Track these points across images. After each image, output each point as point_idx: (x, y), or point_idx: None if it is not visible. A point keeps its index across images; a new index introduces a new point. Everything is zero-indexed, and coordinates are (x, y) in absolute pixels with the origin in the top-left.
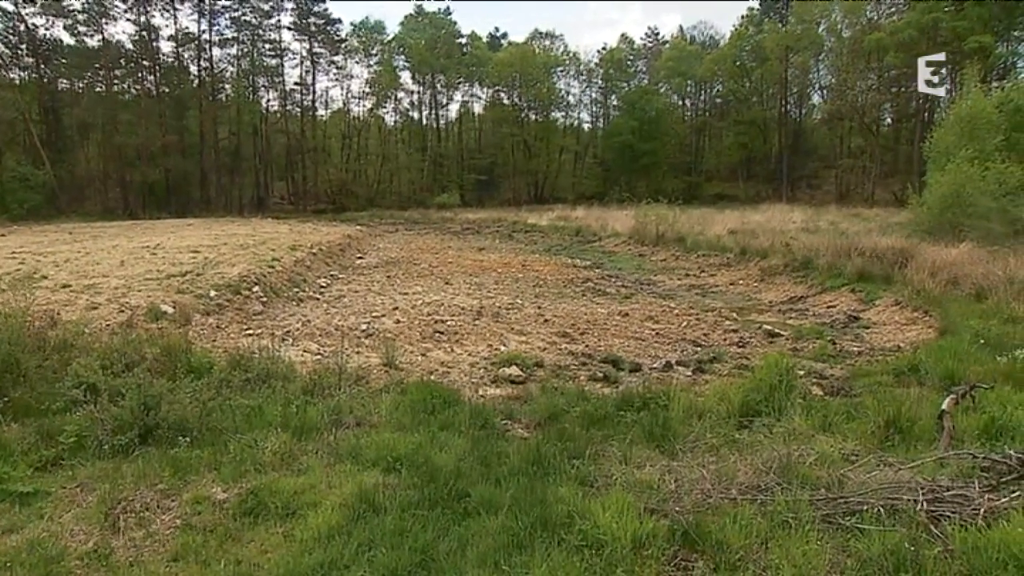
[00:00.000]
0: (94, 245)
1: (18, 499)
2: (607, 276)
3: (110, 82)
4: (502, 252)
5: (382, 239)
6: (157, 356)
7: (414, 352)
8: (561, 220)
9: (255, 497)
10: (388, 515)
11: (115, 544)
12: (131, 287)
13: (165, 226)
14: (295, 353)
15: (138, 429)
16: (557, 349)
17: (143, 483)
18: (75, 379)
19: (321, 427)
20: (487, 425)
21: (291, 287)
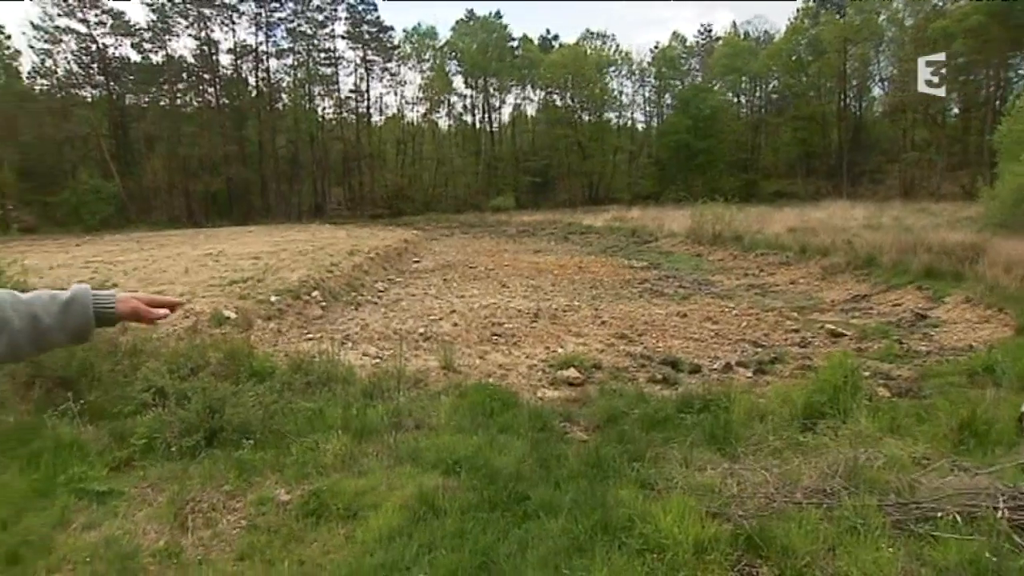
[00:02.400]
0: (160, 253)
1: (95, 498)
2: (664, 276)
3: (173, 96)
4: (558, 254)
5: (438, 243)
6: (221, 360)
7: (472, 355)
8: (617, 221)
9: (317, 499)
10: (448, 517)
11: (184, 543)
12: (195, 293)
13: (227, 233)
14: (354, 357)
15: (204, 432)
16: (615, 351)
17: (210, 484)
18: (145, 383)
19: (381, 429)
20: (546, 427)
21: (349, 291)
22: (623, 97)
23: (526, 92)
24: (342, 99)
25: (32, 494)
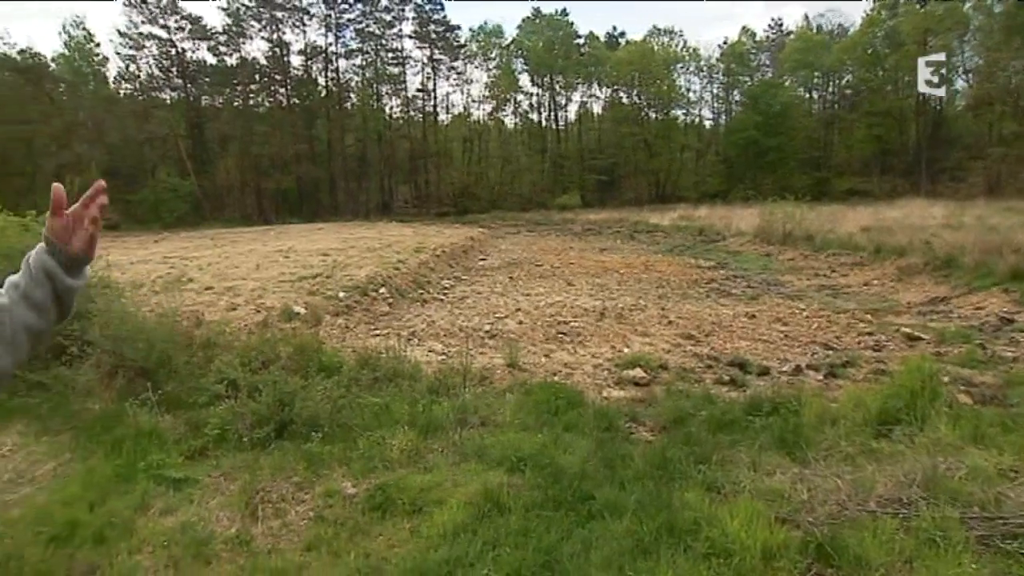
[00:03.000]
0: (233, 250)
1: (172, 484)
2: (732, 276)
3: (247, 96)
4: (624, 252)
5: (504, 241)
6: (291, 355)
7: (537, 353)
8: (683, 219)
9: (383, 493)
10: (513, 515)
11: (255, 532)
12: (266, 289)
13: (297, 231)
14: (421, 353)
15: (274, 424)
16: (682, 351)
17: (279, 475)
18: (218, 375)
19: (447, 426)
20: (611, 427)
21: (416, 288)
22: (691, 94)
23: (592, 90)
24: (409, 98)
25: (115, 479)
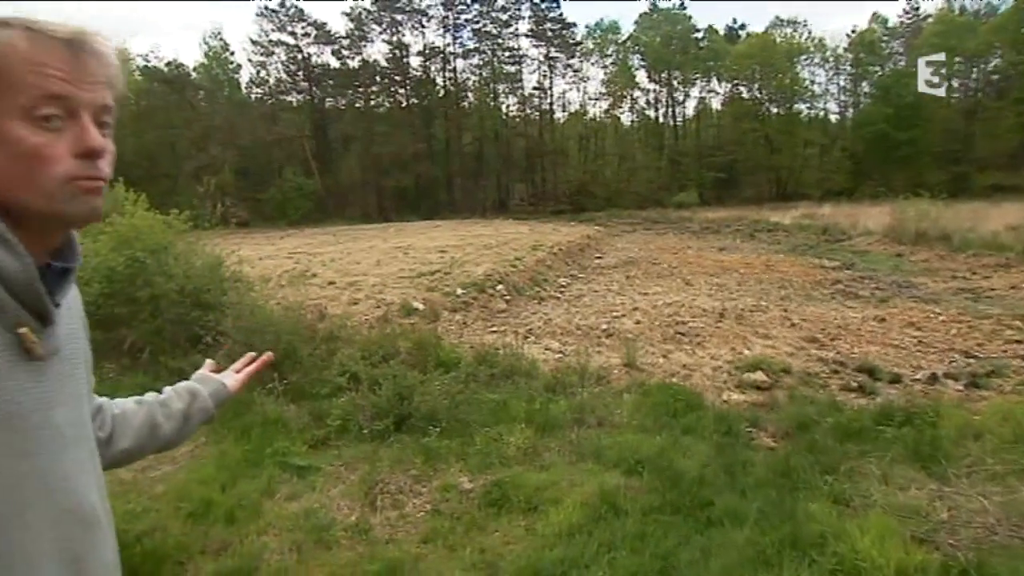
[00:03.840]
0: (354, 246)
1: (296, 471)
2: (859, 277)
3: (368, 98)
4: (744, 252)
5: (620, 239)
6: (410, 350)
7: (655, 353)
8: (806, 218)
9: (499, 489)
10: (629, 518)
11: (373, 521)
12: (386, 284)
13: (415, 228)
14: (537, 351)
15: (394, 417)
16: (805, 355)
17: (398, 468)
18: (340, 368)
19: (563, 425)
20: (731, 432)
21: (533, 286)
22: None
23: (711, 85)
24: (526, 96)
25: (244, 463)
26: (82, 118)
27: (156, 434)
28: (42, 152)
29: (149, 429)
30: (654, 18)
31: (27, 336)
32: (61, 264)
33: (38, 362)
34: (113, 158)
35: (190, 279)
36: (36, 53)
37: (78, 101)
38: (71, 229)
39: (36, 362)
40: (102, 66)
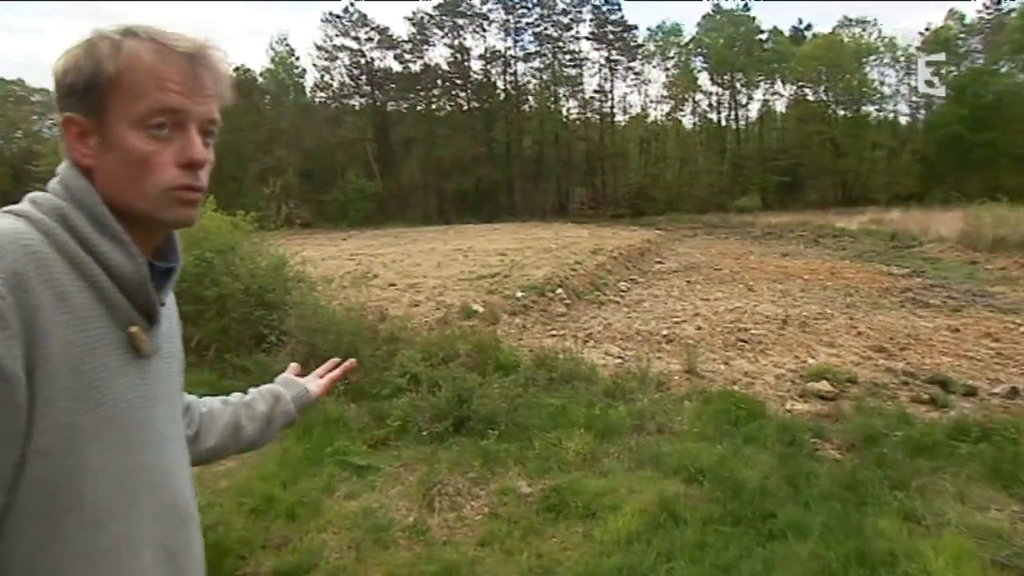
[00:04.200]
0: (414, 248)
1: (356, 470)
2: (930, 286)
3: (429, 101)
4: (807, 258)
5: (681, 244)
6: (469, 352)
7: (716, 360)
8: (873, 223)
9: (557, 494)
10: (689, 527)
11: (431, 522)
12: (446, 286)
13: (475, 231)
14: (597, 355)
15: (453, 419)
16: (872, 364)
17: (456, 470)
18: (400, 369)
19: (623, 431)
20: (794, 442)
21: (592, 290)
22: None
23: (775, 87)
24: (586, 99)
25: (306, 461)
26: (190, 130)
27: (239, 435)
28: (151, 160)
29: (233, 429)
30: (717, 20)
31: (138, 335)
32: (164, 264)
33: (143, 360)
34: (211, 167)
35: (255, 279)
36: (160, 66)
37: (189, 114)
38: (169, 231)
39: (142, 360)
40: (215, 80)
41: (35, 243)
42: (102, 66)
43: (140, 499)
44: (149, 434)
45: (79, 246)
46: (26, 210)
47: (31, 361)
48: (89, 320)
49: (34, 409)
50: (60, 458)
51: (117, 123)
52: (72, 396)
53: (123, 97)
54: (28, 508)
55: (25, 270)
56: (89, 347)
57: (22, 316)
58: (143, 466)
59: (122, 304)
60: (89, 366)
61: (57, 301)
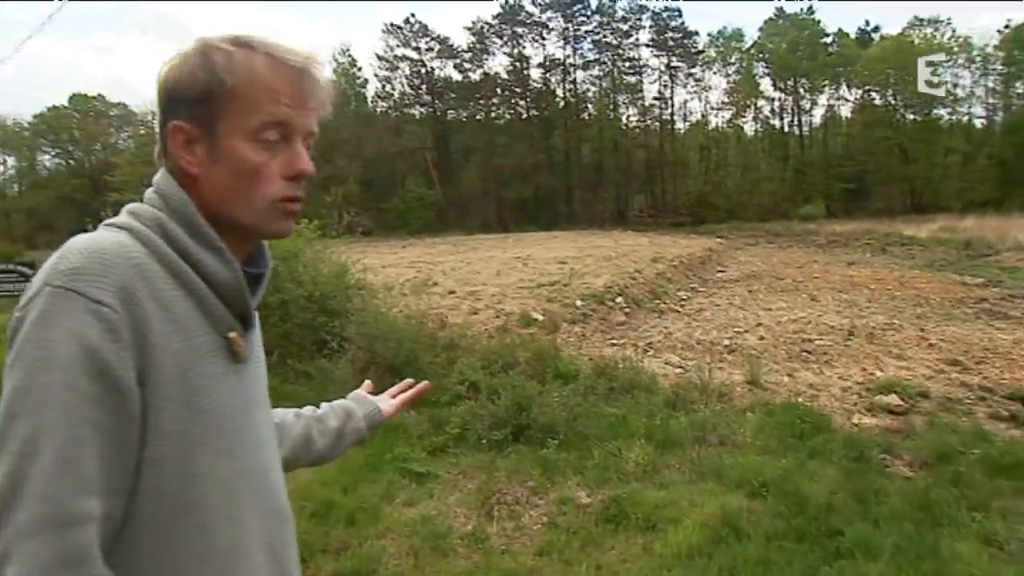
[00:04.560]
0: (473, 256)
1: (415, 477)
2: (1009, 296)
3: (488, 110)
4: (875, 267)
5: (742, 252)
6: (529, 360)
7: (779, 371)
8: (945, 231)
9: (617, 505)
10: (752, 542)
11: (490, 531)
12: (506, 294)
13: (533, 239)
14: (657, 365)
15: (512, 427)
16: (946, 378)
17: (515, 478)
18: (460, 376)
19: (684, 442)
20: (862, 457)
21: (652, 299)
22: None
23: (840, 92)
24: (646, 107)
25: (365, 467)
26: (295, 142)
27: (310, 448)
28: (260, 172)
29: (304, 442)
30: (780, 24)
31: (236, 340)
32: (255, 270)
33: (240, 365)
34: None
35: (317, 286)
36: (274, 79)
37: (296, 127)
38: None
39: (239, 365)
40: (319, 94)
41: (139, 256)
42: (218, 77)
43: (246, 502)
44: (249, 438)
45: (178, 256)
46: (127, 223)
47: (142, 372)
48: (191, 329)
49: (147, 419)
50: (171, 466)
51: (229, 134)
52: (180, 404)
53: (237, 109)
54: (144, 514)
55: (133, 284)
56: (193, 355)
57: (133, 328)
58: (246, 470)
59: (220, 311)
60: (194, 374)
61: (162, 312)
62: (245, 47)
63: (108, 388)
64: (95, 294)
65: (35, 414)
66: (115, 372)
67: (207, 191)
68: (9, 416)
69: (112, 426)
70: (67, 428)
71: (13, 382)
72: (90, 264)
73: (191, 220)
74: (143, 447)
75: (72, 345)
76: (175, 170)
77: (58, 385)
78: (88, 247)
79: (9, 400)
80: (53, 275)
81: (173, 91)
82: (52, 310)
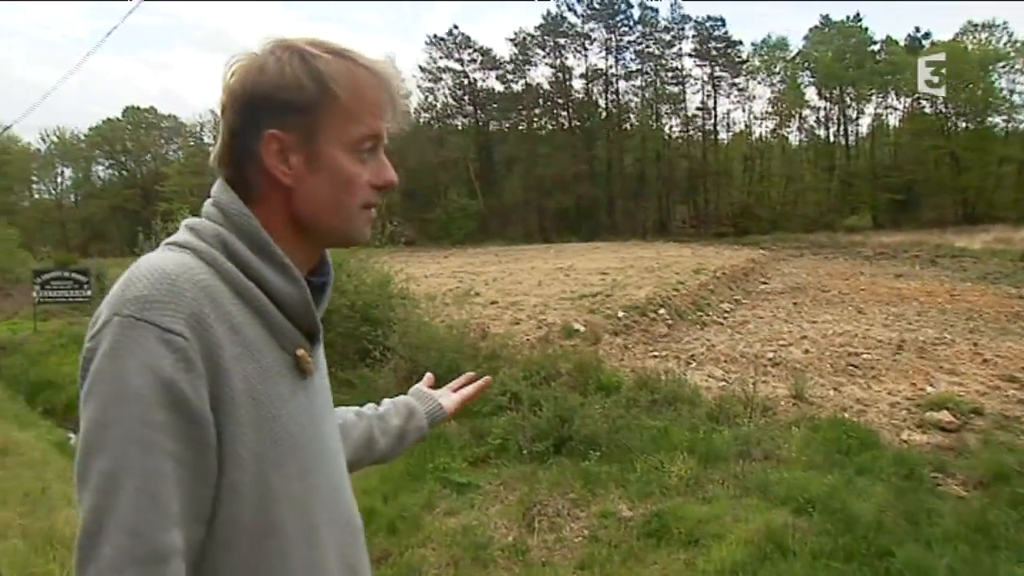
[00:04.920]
0: (515, 266)
1: (456, 488)
2: None
3: (531, 120)
4: (924, 279)
5: (786, 263)
6: (570, 371)
7: (825, 385)
8: (1000, 243)
9: (659, 519)
10: (797, 560)
11: (530, 543)
12: (547, 305)
13: (575, 249)
14: (700, 378)
15: (553, 439)
16: (1001, 395)
17: (556, 490)
18: (501, 387)
19: (727, 456)
20: (912, 476)
21: (695, 311)
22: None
23: (888, 100)
24: (689, 117)
25: (407, 476)
26: (381, 153)
27: (372, 448)
28: (355, 181)
29: (366, 443)
30: (825, 32)
31: (304, 357)
32: (319, 279)
33: (307, 379)
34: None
35: (360, 295)
36: (375, 93)
37: (383, 139)
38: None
39: (306, 380)
40: (403, 106)
41: (206, 278)
42: (328, 87)
43: (321, 520)
44: (321, 453)
45: (242, 273)
46: (189, 241)
47: (215, 398)
48: (261, 349)
49: (222, 445)
50: (248, 491)
51: (330, 144)
52: (254, 428)
53: (340, 120)
54: (224, 541)
55: (203, 309)
56: (263, 377)
57: (205, 356)
58: (319, 486)
59: (287, 329)
60: (265, 396)
61: (232, 334)
62: (341, 56)
63: (184, 419)
64: (166, 323)
65: (115, 448)
66: (191, 402)
67: (301, 201)
68: (88, 451)
69: (191, 457)
70: (147, 462)
71: (90, 415)
72: (159, 291)
73: (254, 236)
74: (220, 474)
75: (147, 377)
76: (240, 180)
77: (135, 419)
78: (154, 272)
79: (87, 434)
80: (121, 304)
81: (268, 97)
82: (124, 341)
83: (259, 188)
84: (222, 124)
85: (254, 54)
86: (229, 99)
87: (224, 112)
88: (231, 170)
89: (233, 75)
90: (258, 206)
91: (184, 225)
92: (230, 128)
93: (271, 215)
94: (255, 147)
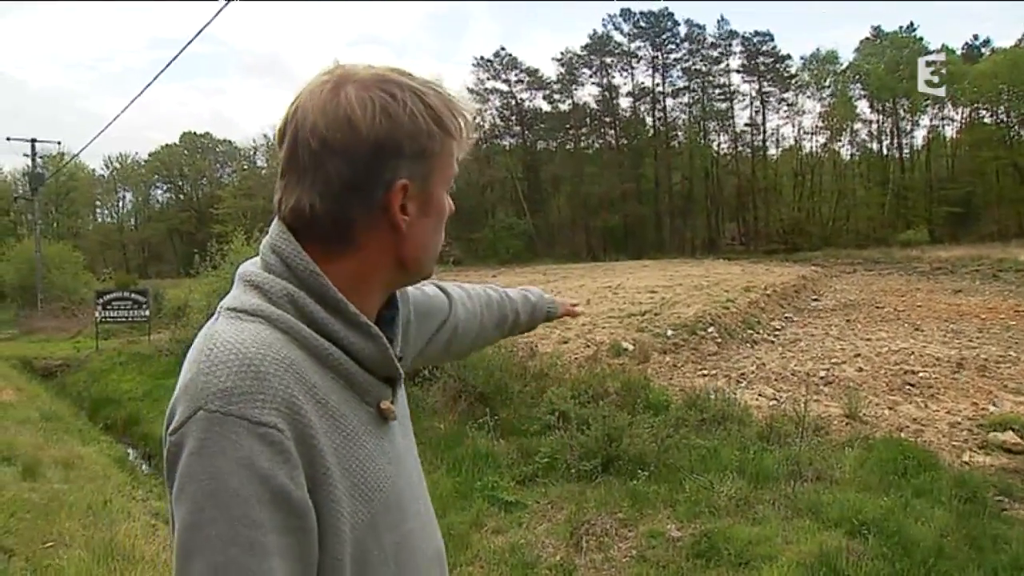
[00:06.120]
0: (563, 285)
1: (503, 506)
2: None
3: (578, 139)
4: (985, 295)
5: (838, 280)
6: (619, 390)
7: (880, 404)
8: None
9: (708, 540)
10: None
11: (578, 562)
12: (596, 324)
13: (623, 267)
14: (750, 396)
15: (601, 458)
16: None
17: (604, 509)
18: (549, 406)
19: (778, 477)
20: (975, 499)
21: (745, 328)
22: None
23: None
24: (737, 133)
25: (455, 494)
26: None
27: (503, 326)
28: (445, 217)
29: (500, 319)
30: (877, 43)
31: (388, 408)
32: (390, 313)
33: (391, 424)
34: None
35: None
36: (467, 133)
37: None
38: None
39: (390, 424)
40: (474, 135)
41: (287, 353)
42: (449, 131)
43: (414, 566)
44: (408, 497)
45: (318, 334)
46: (260, 308)
47: (311, 480)
48: (345, 415)
49: (321, 524)
50: (349, 559)
51: (437, 187)
52: (348, 497)
53: (446, 160)
54: None
55: (292, 392)
56: (350, 443)
57: (299, 442)
58: (410, 532)
59: (369, 384)
60: (355, 463)
61: (320, 409)
62: (437, 92)
63: (286, 513)
64: (258, 416)
65: (215, 551)
66: (291, 495)
67: (409, 245)
68: (187, 555)
69: (296, 548)
70: (252, 562)
71: (184, 518)
72: (244, 381)
73: (325, 293)
74: (322, 552)
75: (243, 475)
76: (326, 225)
77: (235, 520)
78: (235, 359)
79: (183, 538)
80: (205, 398)
81: (399, 146)
82: (213, 438)
83: (363, 234)
84: (312, 170)
85: (348, 94)
86: (333, 147)
87: (317, 158)
88: (293, 215)
89: (333, 119)
90: (358, 252)
91: (245, 282)
92: (340, 179)
93: (373, 261)
94: (377, 197)
